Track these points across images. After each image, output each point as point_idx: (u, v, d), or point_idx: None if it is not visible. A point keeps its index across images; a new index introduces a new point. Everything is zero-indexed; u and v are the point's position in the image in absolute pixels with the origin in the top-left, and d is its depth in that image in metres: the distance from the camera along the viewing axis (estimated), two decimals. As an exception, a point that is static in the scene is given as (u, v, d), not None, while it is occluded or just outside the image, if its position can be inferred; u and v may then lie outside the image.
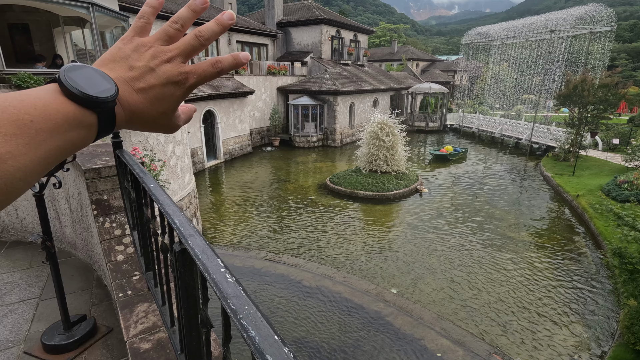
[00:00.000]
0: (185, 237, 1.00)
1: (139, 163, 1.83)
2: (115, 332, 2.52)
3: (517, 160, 21.01)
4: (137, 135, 7.89)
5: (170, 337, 1.50)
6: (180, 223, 1.09)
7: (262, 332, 0.63)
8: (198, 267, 0.89)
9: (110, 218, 2.40)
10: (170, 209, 1.20)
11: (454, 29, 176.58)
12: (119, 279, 2.10)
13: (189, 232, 1.02)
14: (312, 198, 14.01)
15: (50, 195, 3.51)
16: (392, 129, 15.45)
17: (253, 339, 0.62)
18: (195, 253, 0.92)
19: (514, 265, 8.97)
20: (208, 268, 0.84)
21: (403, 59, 42.59)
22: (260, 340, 0.61)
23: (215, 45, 22.56)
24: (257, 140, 23.77)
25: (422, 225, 11.44)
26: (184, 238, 1.00)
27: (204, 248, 0.93)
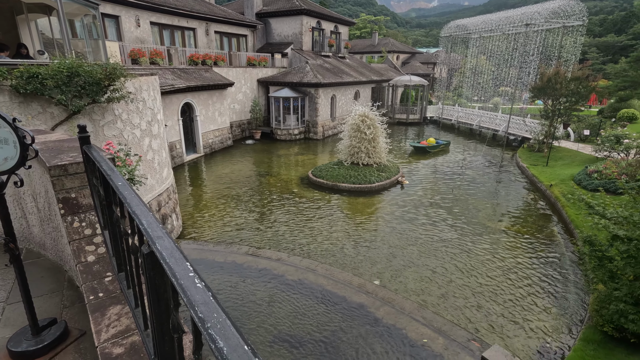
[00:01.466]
0: (152, 239, 0.95)
1: (107, 159, 1.73)
2: (88, 336, 2.42)
3: (495, 152, 21.56)
4: (111, 128, 7.60)
5: (144, 340, 1.44)
6: (148, 224, 1.03)
7: (231, 342, 0.59)
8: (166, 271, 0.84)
9: (79, 217, 2.28)
10: (138, 209, 1.14)
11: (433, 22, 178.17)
12: (89, 281, 2.01)
13: (156, 234, 0.97)
14: (294, 191, 13.96)
15: (16, 193, 3.33)
16: (374, 121, 15.51)
17: (221, 350, 0.58)
18: (162, 257, 0.86)
19: (492, 253, 9.24)
20: (175, 273, 0.79)
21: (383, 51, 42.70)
22: (228, 352, 0.57)
23: (194, 36, 21.93)
24: (238, 133, 23.40)
25: (404, 216, 11.60)
26: (151, 240, 0.95)
27: (173, 251, 0.88)
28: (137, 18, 18.18)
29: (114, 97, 7.17)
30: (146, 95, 8.76)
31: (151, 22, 19.08)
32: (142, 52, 16.72)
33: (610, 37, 74.69)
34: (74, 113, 6.79)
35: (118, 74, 6.92)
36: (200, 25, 22.08)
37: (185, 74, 18.10)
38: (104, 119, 7.44)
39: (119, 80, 7.06)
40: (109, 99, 7.13)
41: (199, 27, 21.96)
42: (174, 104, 16.55)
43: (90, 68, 6.59)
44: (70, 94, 6.40)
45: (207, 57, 20.34)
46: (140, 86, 8.46)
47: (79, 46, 10.67)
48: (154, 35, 19.49)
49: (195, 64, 19.83)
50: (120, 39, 17.57)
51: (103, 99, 7.02)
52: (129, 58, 16.52)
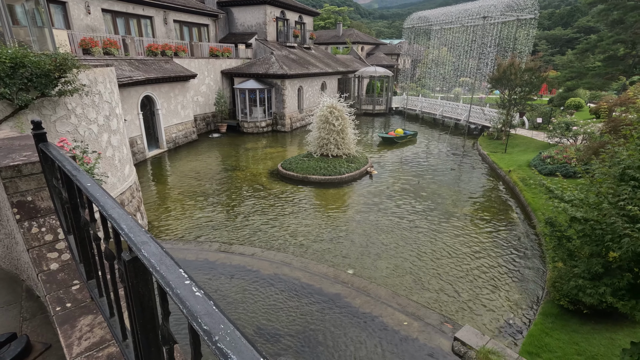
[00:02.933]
0: (137, 245, 0.87)
1: (69, 158, 1.58)
2: (54, 349, 2.24)
3: (457, 140, 22.42)
4: (64, 124, 7.05)
5: (123, 352, 1.34)
6: (129, 228, 0.94)
7: (245, 356, 0.54)
8: (156, 279, 0.77)
9: (37, 222, 2.08)
10: (115, 212, 1.04)
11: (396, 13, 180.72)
12: (54, 291, 1.84)
13: (141, 239, 0.89)
14: (263, 185, 13.77)
15: (-42, 198, 2.99)
16: (342, 112, 15.56)
17: (235, 366, 0.53)
18: (152, 264, 0.79)
19: (457, 237, 9.66)
20: (169, 282, 0.72)
21: (348, 42, 42.81)
22: (244, 367, 0.53)
23: (151, 25, 20.76)
24: (203, 126, 22.64)
25: (374, 206, 11.81)
26: (135, 246, 0.87)
27: (162, 257, 0.81)
28: (86, 4, 16.90)
29: (65, 90, 6.64)
30: (102, 88, 8.20)
31: (103, 9, 17.82)
32: (95, 42, 15.62)
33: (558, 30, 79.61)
34: (20, 108, 6.22)
35: (70, 65, 6.41)
36: (158, 14, 20.94)
37: (144, 65, 17.15)
38: (55, 113, 6.89)
39: (70, 71, 6.55)
40: (60, 92, 6.59)
41: (156, 16, 20.82)
42: (132, 97, 15.66)
43: (37, 58, 6.05)
44: (15, 86, 5.84)
45: (166, 48, 19.38)
46: (95, 78, 7.90)
47: (21, 34, 9.73)
48: (106, 24, 18.23)
49: (154, 55, 18.84)
50: (69, 27, 16.28)
51: (54, 92, 6.49)
52: (79, 48, 15.37)
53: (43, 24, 9.59)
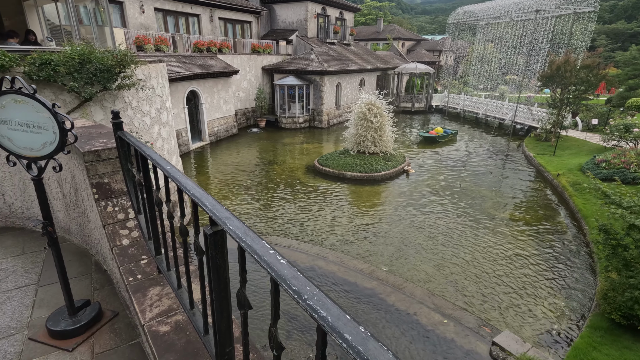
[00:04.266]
0: (221, 219, 0.98)
1: (147, 145, 1.76)
2: (121, 316, 2.49)
3: (501, 141, 21.42)
4: (122, 116, 7.61)
5: (191, 319, 1.49)
6: (212, 205, 1.06)
7: (333, 312, 0.63)
8: (244, 249, 0.87)
9: (112, 202, 2.32)
10: (197, 192, 1.17)
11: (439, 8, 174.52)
12: (126, 263, 2.06)
13: (224, 215, 1.00)
14: (300, 180, 14.00)
15: (40, 179, 3.37)
16: (380, 109, 15.42)
17: (326, 319, 0.62)
18: (238, 235, 0.90)
19: (498, 241, 9.29)
20: (257, 250, 0.82)
21: (389, 38, 42.08)
22: (333, 320, 0.61)
23: (198, 22, 21.67)
24: (243, 121, 23.34)
25: (410, 205, 11.64)
26: (220, 221, 0.98)
27: (246, 230, 0.92)
28: (141, 4, 17.97)
29: (124, 84, 7.17)
30: (155, 83, 8.75)
31: (155, 8, 18.86)
32: (147, 39, 16.59)
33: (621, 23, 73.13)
34: (85, 100, 6.80)
35: (129, 61, 6.91)
36: (205, 12, 21.80)
37: (190, 61, 17.98)
38: (114, 106, 7.45)
39: (129, 67, 7.05)
40: (119, 86, 7.13)
41: (203, 13, 21.69)
42: (179, 91, 16.49)
43: (101, 55, 6.58)
44: (82, 80, 6.40)
45: (211, 44, 20.16)
46: (150, 73, 8.44)
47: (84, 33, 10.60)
48: (158, 22, 19.28)
49: (200, 51, 19.67)
50: (125, 25, 17.41)
51: (114, 86, 7.02)
52: (133, 45, 16.40)
53: (103, 22, 10.37)
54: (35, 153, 1.95)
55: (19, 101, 1.86)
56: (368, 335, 0.58)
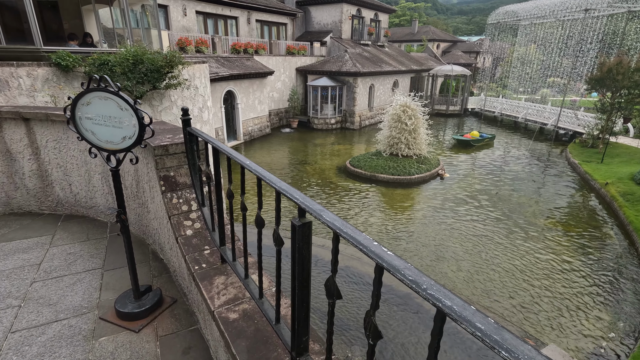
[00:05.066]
0: (315, 211, 1.03)
1: (219, 142, 1.86)
2: (179, 303, 2.63)
3: (542, 146, 20.44)
4: (168, 114, 7.99)
5: (261, 308, 1.56)
6: (303, 198, 1.11)
7: (456, 302, 0.65)
8: (345, 238, 0.91)
9: (177, 194, 2.46)
10: (283, 185, 1.23)
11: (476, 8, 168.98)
12: (191, 253, 2.18)
13: (317, 207, 1.05)
14: (331, 180, 14.05)
15: (104, 171, 3.62)
16: (415, 111, 15.18)
17: (451, 308, 0.64)
18: (336, 227, 0.94)
19: (539, 252, 8.88)
20: (361, 241, 0.86)
21: (424, 39, 41.29)
22: (460, 309, 0.63)
23: (236, 24, 22.31)
24: (276, 121, 23.73)
25: (444, 210, 11.37)
26: (314, 212, 1.03)
27: (343, 222, 0.95)
28: (184, 7, 18.75)
29: (171, 83, 7.52)
30: (198, 83, 9.11)
31: (196, 11, 19.61)
32: (189, 41, 17.28)
33: (679, 23, 67.55)
34: (136, 99, 7.20)
35: (176, 62, 7.24)
36: (242, 14, 22.40)
37: (228, 62, 18.53)
38: (161, 104, 7.84)
39: (176, 67, 7.39)
40: (167, 86, 7.49)
41: (241, 16, 22.29)
42: (217, 91, 17.04)
43: (152, 56, 6.94)
44: (134, 80, 6.79)
45: (248, 46, 20.67)
46: (194, 73, 8.80)
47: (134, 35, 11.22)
48: (198, 24, 20.04)
49: (237, 53, 20.23)
50: (168, 27, 18.23)
51: (162, 86, 7.39)
52: (176, 46, 17.13)
53: (150, 25, 10.91)
54: (115, 146, 2.11)
55: (105, 98, 2.02)
56: (499, 326, 0.60)
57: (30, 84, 6.18)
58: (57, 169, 3.89)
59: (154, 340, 2.26)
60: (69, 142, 3.72)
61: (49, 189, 4.01)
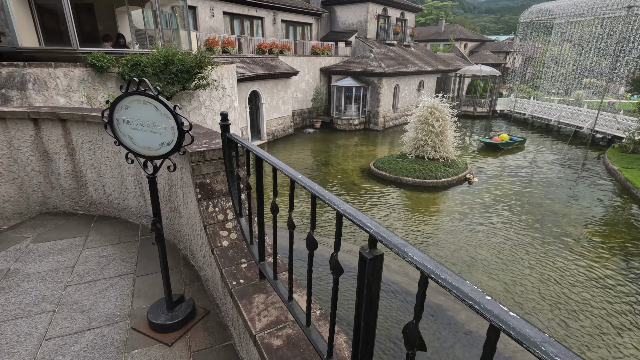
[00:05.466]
0: (398, 246, 0.86)
1: (264, 151, 1.73)
2: (212, 315, 2.53)
3: (577, 151, 19.43)
4: (196, 114, 8.03)
5: (309, 338, 1.41)
6: (376, 227, 0.95)
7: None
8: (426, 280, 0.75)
9: (213, 202, 2.36)
10: (347, 208, 1.07)
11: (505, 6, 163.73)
12: (227, 266, 2.06)
13: (397, 241, 0.88)
14: (354, 182, 13.83)
15: (137, 173, 3.59)
16: (443, 113, 14.73)
17: None
18: (430, 270, 0.77)
19: (576, 263, 8.35)
20: (468, 294, 0.69)
21: (451, 39, 40.27)
22: None
23: (261, 25, 22.43)
24: (299, 121, 23.70)
25: (472, 216, 10.94)
26: (396, 248, 0.86)
27: (437, 264, 0.79)
28: (211, 8, 19.00)
29: (200, 84, 7.54)
30: (226, 83, 9.12)
31: (224, 12, 19.84)
32: (216, 41, 17.48)
33: None
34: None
35: (206, 62, 7.25)
36: (268, 14, 22.49)
37: (253, 63, 18.63)
38: (190, 105, 7.89)
39: (206, 68, 7.40)
40: (196, 86, 7.51)
41: (266, 16, 22.40)
42: (242, 91, 17.15)
43: (182, 56, 6.97)
44: (165, 80, 6.84)
45: (273, 46, 20.72)
46: (222, 74, 8.82)
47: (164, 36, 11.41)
48: (225, 25, 20.27)
49: (262, 53, 20.32)
50: (196, 28, 18.52)
51: (191, 86, 7.42)
52: (203, 47, 17.36)
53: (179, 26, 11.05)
54: (152, 152, 2.02)
55: (144, 102, 1.93)
56: None
57: (67, 84, 6.32)
58: (91, 169, 3.91)
59: (187, 356, 2.16)
60: (104, 144, 3.72)
61: (83, 189, 4.04)
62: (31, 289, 2.74)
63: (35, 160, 3.93)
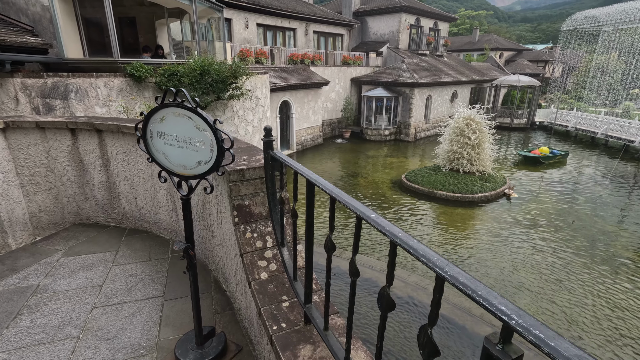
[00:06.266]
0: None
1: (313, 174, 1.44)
2: (244, 352, 2.26)
3: (628, 167, 17.95)
4: (229, 124, 7.98)
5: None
6: (517, 313, 0.63)
7: None
8: None
9: (251, 227, 2.11)
10: (455, 271, 0.75)
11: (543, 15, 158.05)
12: (267, 304, 1.78)
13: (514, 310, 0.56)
14: (385, 195, 13.36)
15: (170, 186, 3.44)
16: (480, 125, 14.04)
17: None
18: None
19: (629, 290, 7.46)
20: None
21: (486, 48, 39.07)
22: None
23: (293, 36, 22.64)
24: (328, 131, 23.54)
25: (512, 235, 10.18)
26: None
27: None
28: (246, 20, 19.38)
29: (234, 94, 7.49)
30: (259, 93, 9.06)
31: (257, 24, 20.18)
32: (249, 52, 17.73)
33: None
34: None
35: (241, 72, 7.19)
36: (301, 26, 22.68)
37: (285, 73, 18.73)
38: (224, 114, 7.84)
39: (240, 78, 7.34)
40: (230, 96, 7.46)
41: (299, 28, 22.59)
42: (274, 101, 17.22)
43: (218, 67, 6.94)
44: (200, 90, 6.82)
45: (305, 57, 20.80)
46: (256, 84, 8.76)
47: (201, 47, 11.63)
48: (258, 36, 20.59)
49: (294, 63, 20.43)
50: (231, 39, 18.91)
51: (226, 96, 7.37)
52: (237, 57, 17.66)
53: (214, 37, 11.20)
54: (188, 171, 1.80)
55: (180, 114, 1.71)
56: None
57: (106, 94, 6.43)
58: (124, 181, 3.81)
59: (217, 403, 1.89)
60: (137, 155, 3.61)
61: (116, 201, 3.95)
62: (57, 310, 2.59)
63: (71, 171, 3.88)
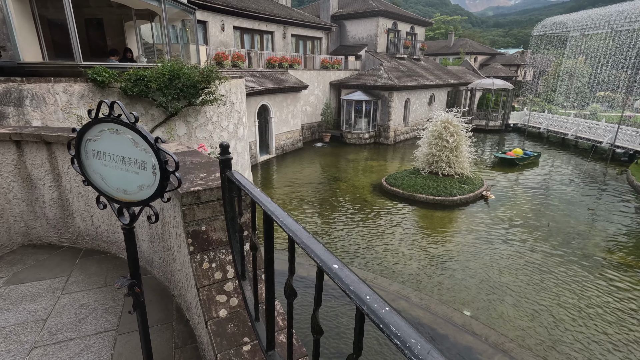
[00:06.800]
0: None
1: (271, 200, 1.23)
2: (206, 395, 2.00)
3: (597, 167, 18.63)
4: (203, 131, 7.64)
5: None
6: None
7: None
8: None
9: (208, 256, 1.86)
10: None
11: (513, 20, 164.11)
12: (225, 349, 1.54)
13: None
14: (365, 199, 13.27)
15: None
16: (458, 128, 14.19)
17: None
18: None
19: (606, 291, 7.61)
20: None
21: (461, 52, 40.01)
22: None
23: (271, 39, 22.37)
24: (308, 135, 23.35)
25: (490, 236, 10.29)
26: None
27: None
28: (222, 23, 18.97)
29: (207, 99, 7.17)
30: (235, 98, 8.76)
31: (234, 27, 19.80)
32: (226, 56, 17.33)
33: None
34: (171, 115, 6.89)
35: (214, 77, 6.89)
36: (278, 29, 22.45)
37: (263, 77, 18.42)
38: (197, 121, 7.50)
39: (213, 82, 7.04)
40: (203, 101, 7.14)
41: (277, 31, 22.34)
42: (251, 105, 16.88)
43: (189, 71, 6.62)
44: (170, 96, 6.47)
45: (283, 60, 20.56)
46: (230, 88, 8.46)
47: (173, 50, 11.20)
48: (235, 39, 20.21)
49: (272, 67, 20.15)
50: (206, 42, 18.45)
51: (198, 101, 7.05)
52: (213, 61, 17.22)
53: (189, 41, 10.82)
54: (129, 197, 1.55)
55: (117, 131, 1.46)
56: None
57: (66, 100, 5.99)
58: (78, 198, 3.46)
59: None
60: (93, 169, 3.28)
61: (70, 219, 3.59)
62: (-11, 352, 2.25)
63: (18, 187, 3.50)
